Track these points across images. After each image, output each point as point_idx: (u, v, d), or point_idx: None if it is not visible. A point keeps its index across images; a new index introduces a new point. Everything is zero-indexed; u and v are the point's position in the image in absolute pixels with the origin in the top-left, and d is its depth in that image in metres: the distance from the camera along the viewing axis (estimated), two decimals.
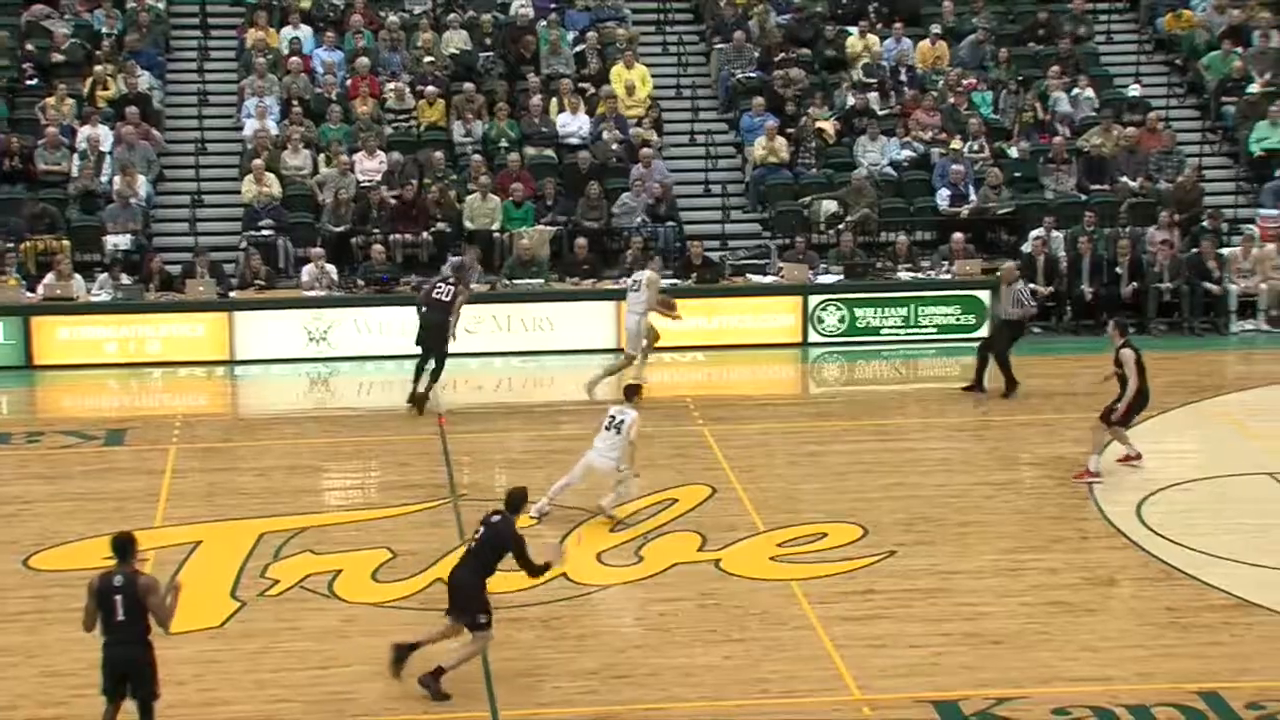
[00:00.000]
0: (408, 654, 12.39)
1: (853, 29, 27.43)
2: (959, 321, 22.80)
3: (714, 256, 23.60)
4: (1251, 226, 24.14)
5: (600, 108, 25.64)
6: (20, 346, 21.49)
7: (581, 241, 23.28)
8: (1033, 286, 23.00)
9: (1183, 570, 14.53)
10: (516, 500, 12.53)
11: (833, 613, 13.68)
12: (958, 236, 23.57)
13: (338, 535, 15.50)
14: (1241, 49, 27.29)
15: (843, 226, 24.01)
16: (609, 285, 22.65)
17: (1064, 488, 16.72)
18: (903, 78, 26.84)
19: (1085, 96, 26.52)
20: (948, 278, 22.97)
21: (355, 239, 23.37)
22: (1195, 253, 23.38)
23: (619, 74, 26.28)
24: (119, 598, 10.86)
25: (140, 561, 11.48)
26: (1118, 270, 23.07)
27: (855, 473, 17.28)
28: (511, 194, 24.00)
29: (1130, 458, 17.17)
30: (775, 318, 22.64)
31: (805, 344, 22.56)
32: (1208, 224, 23.90)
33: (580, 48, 26.95)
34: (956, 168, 24.73)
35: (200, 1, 27.80)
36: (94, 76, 25.32)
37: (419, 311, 19.48)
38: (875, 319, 22.80)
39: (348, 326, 21.96)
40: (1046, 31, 27.93)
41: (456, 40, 26.79)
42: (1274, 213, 24.25)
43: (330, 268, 22.59)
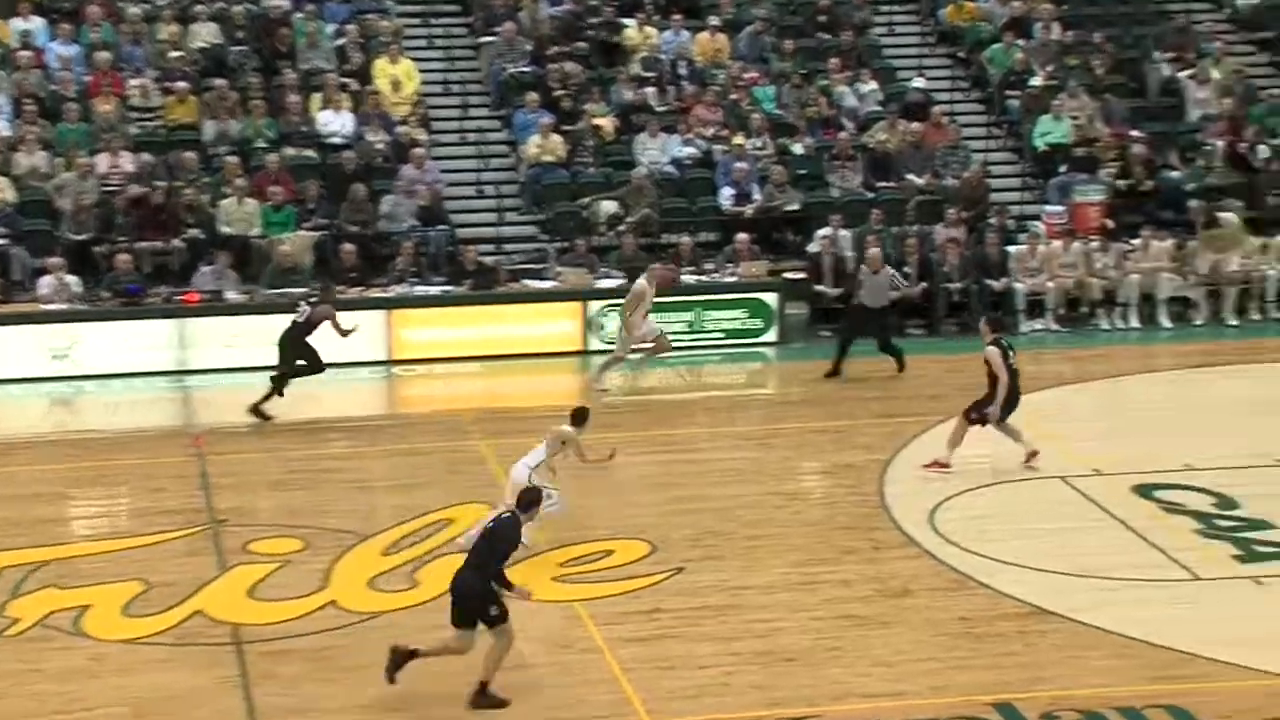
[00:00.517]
0: (405, 660, 12.47)
1: (629, 21, 27.62)
2: (745, 326, 23.08)
3: (489, 261, 23.55)
4: (1038, 224, 24.87)
5: (364, 105, 25.41)
6: None
7: (349, 247, 23.03)
8: (820, 289, 23.47)
9: (976, 579, 14.87)
10: (528, 501, 12.79)
11: (619, 634, 13.73)
12: (742, 237, 23.87)
13: (85, 568, 15.09)
14: (1023, 41, 28.12)
15: (623, 228, 24.15)
16: (378, 293, 22.46)
17: (856, 496, 17.02)
18: (682, 72, 27.11)
19: (869, 90, 27.08)
20: (733, 280, 23.25)
21: (99, 248, 22.78)
22: (982, 250, 24.01)
23: (383, 69, 26.07)
24: None
25: None
26: (906, 270, 23.55)
27: (642, 486, 17.37)
28: (270, 197, 23.63)
29: (941, 465, 17.49)
30: (554, 325, 22.67)
31: (587, 352, 22.62)
32: (994, 221, 24.57)
33: (341, 41, 26.68)
34: (740, 165, 25.04)
35: None
36: None
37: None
38: (659, 324, 22.94)
39: (94, 342, 21.40)
40: (829, 23, 28.46)
41: (205, 33, 26.31)
42: (1060, 209, 25.02)
43: (72, 279, 22.00)
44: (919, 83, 27.42)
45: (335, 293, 20.47)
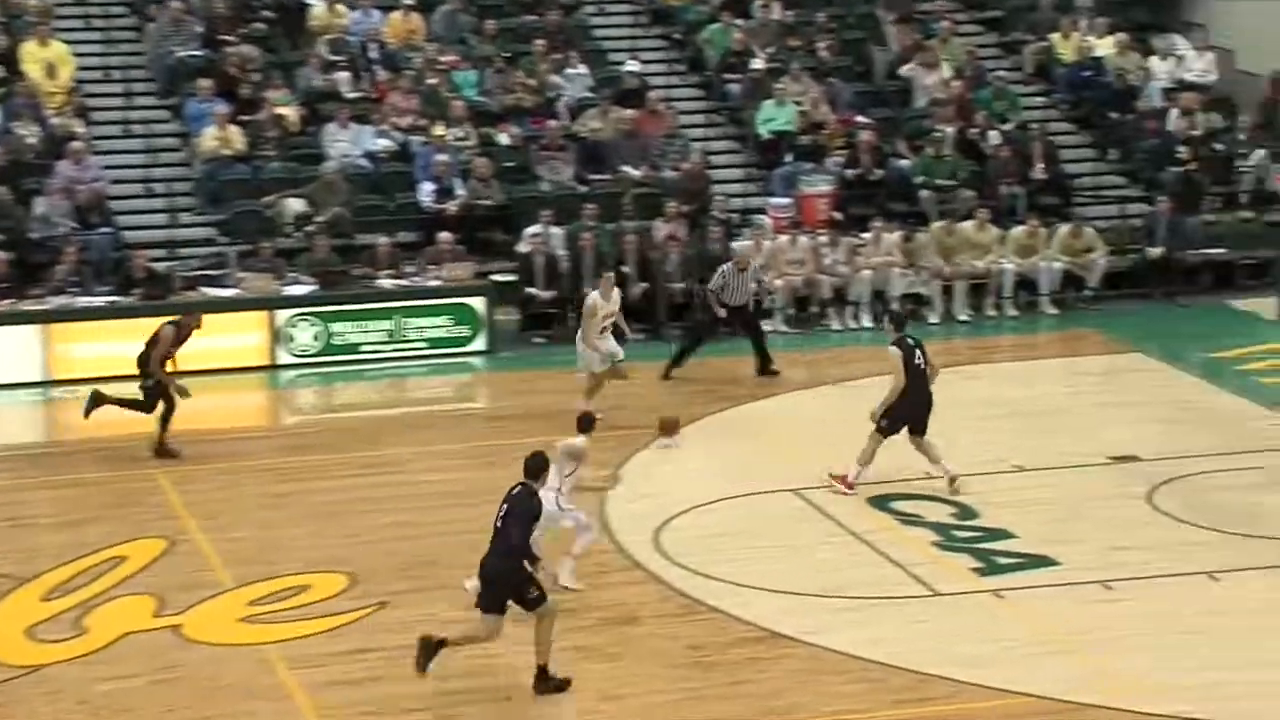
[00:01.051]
0: (435, 650, 13.13)
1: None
2: (450, 334, 23.05)
3: (161, 268, 23.06)
4: (763, 217, 25.33)
5: (11, 94, 24.67)
6: None
7: (0, 255, 22.36)
8: (531, 291, 23.58)
9: (706, 603, 15.07)
10: (536, 467, 13.44)
11: (319, 678, 13.58)
12: (445, 236, 23.82)
13: None
14: (742, 21, 28.63)
15: (313, 228, 23.88)
16: (32, 306, 21.83)
17: None
18: (374, 55, 26.94)
19: (579, 75, 27.27)
20: (436, 284, 23.19)
21: None
22: (704, 247, 24.35)
23: (31, 53, 25.35)
24: None
25: None
26: (625, 269, 23.77)
27: (341, 513, 17.22)
28: None
29: (844, 479, 17.51)
30: (238, 337, 22.31)
31: (275, 366, 22.33)
32: (716, 215, 24.94)
33: None
34: (440, 158, 24.98)
35: None
36: None
37: None
38: (355, 334, 22.78)
39: None
40: (533, 1, 28.58)
41: None
42: (786, 201, 25.52)
43: None
44: (632, 66, 27.69)
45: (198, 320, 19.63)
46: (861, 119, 26.90)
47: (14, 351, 21.22)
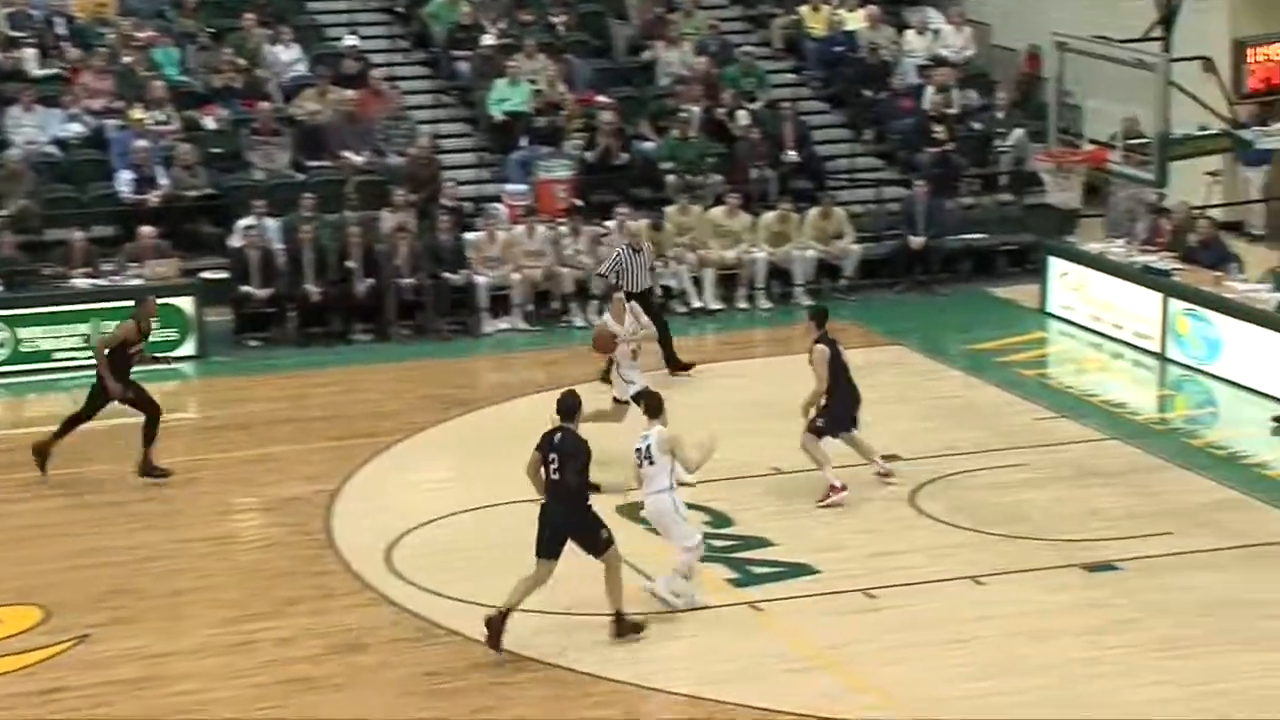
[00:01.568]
0: (502, 624, 14.13)
1: None
2: (155, 338, 22.51)
3: None
4: (498, 206, 25.29)
5: None
6: None
7: None
8: (246, 290, 23.25)
9: (443, 625, 15.01)
10: (569, 407, 14.54)
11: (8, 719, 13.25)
12: (147, 231, 23.39)
13: None
14: None
15: None
16: None
17: (299, 536, 16.90)
18: (61, 30, 26.33)
19: (293, 53, 26.95)
20: (138, 283, 22.72)
21: None
22: (434, 239, 24.23)
23: None
24: None
25: None
26: (349, 264, 23.56)
27: (33, 539, 16.85)
28: None
29: (836, 490, 17.51)
30: None
31: None
32: (447, 204, 24.83)
33: None
34: (140, 145, 24.53)
35: None
36: None
37: None
38: (47, 340, 22.26)
39: None
40: None
41: None
42: (523, 188, 25.52)
43: None
44: (351, 42, 27.47)
45: (151, 306, 19.07)
46: (602, 98, 27.00)
47: None
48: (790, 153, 26.68)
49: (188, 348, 22.69)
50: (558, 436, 14.47)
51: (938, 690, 13.83)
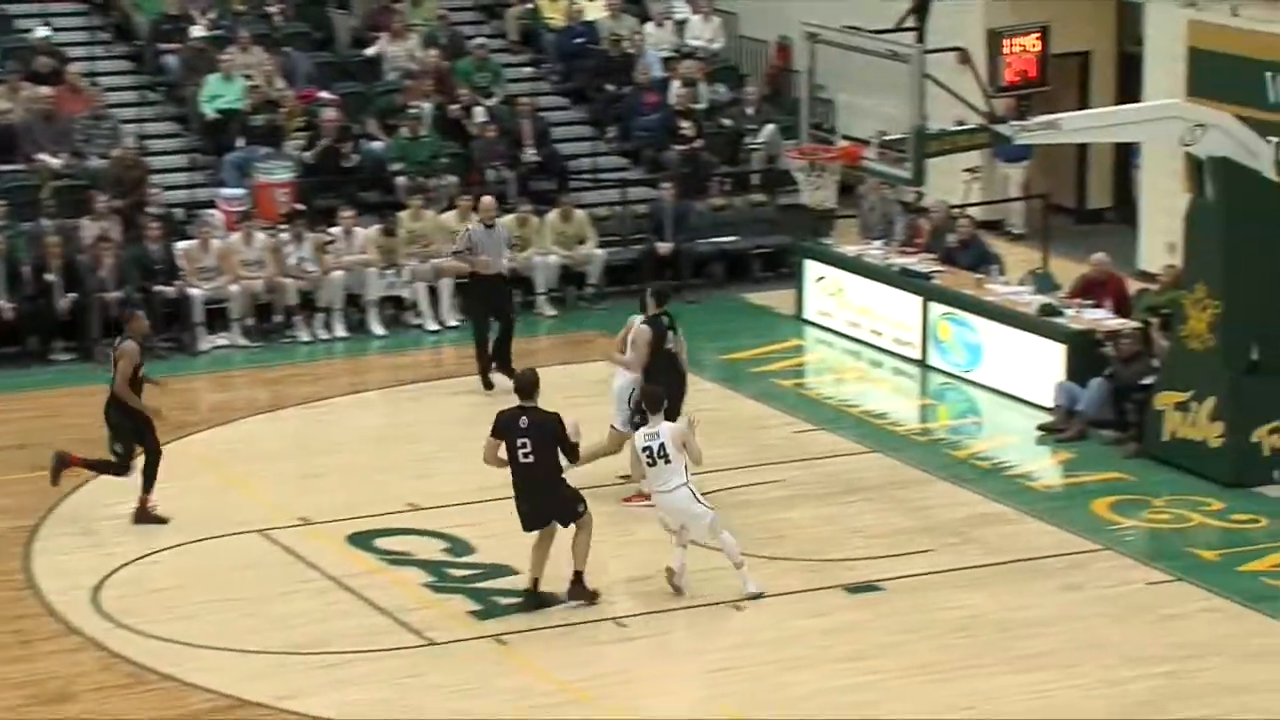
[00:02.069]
0: (539, 597, 15.68)
1: None
2: None
3: None
4: (212, 212, 24.97)
5: None
6: None
7: None
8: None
9: (157, 670, 14.80)
10: (527, 386, 15.71)
11: None
12: None
13: None
14: None
15: None
16: None
17: None
18: None
19: None
20: None
21: None
22: (143, 249, 23.84)
23: None
24: None
25: None
26: (48, 277, 23.10)
27: None
28: None
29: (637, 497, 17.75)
30: None
31: None
32: (156, 210, 24.47)
33: None
34: None
35: None
36: None
37: None
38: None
39: None
40: None
41: None
42: (239, 192, 25.22)
43: None
44: (44, 34, 26.97)
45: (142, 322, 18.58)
46: (324, 95, 26.80)
47: None
48: (529, 152, 26.71)
49: None
50: (523, 420, 15.53)
51: None
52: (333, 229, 24.71)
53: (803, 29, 20.01)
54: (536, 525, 15.80)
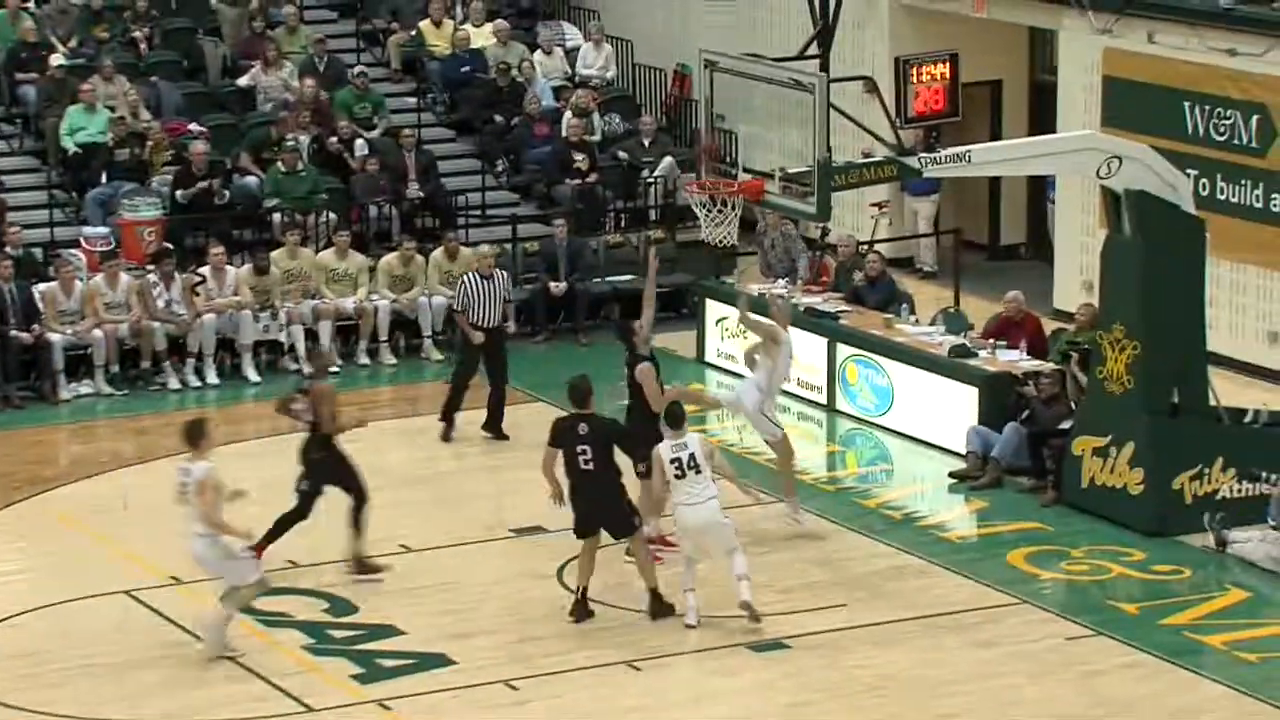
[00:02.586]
0: (584, 605, 16.53)
1: None
2: None
3: None
4: (74, 252, 24.79)
5: None
6: None
7: None
8: None
9: None
10: (580, 394, 16.77)
11: None
12: None
13: None
14: (34, 7, 28.11)
15: None
16: None
17: None
18: None
19: None
20: None
21: None
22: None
23: None
24: None
25: None
26: None
27: None
28: None
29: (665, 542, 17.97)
30: None
31: None
32: (10, 250, 24.25)
33: None
34: None
35: None
36: None
37: None
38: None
39: None
40: None
41: None
42: (103, 231, 25.06)
43: None
44: None
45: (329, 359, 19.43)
46: (194, 127, 26.72)
47: None
48: (413, 187, 26.69)
49: None
50: (581, 427, 16.53)
51: None
52: (202, 269, 24.57)
53: (701, 57, 20.08)
54: (587, 530, 16.63)
